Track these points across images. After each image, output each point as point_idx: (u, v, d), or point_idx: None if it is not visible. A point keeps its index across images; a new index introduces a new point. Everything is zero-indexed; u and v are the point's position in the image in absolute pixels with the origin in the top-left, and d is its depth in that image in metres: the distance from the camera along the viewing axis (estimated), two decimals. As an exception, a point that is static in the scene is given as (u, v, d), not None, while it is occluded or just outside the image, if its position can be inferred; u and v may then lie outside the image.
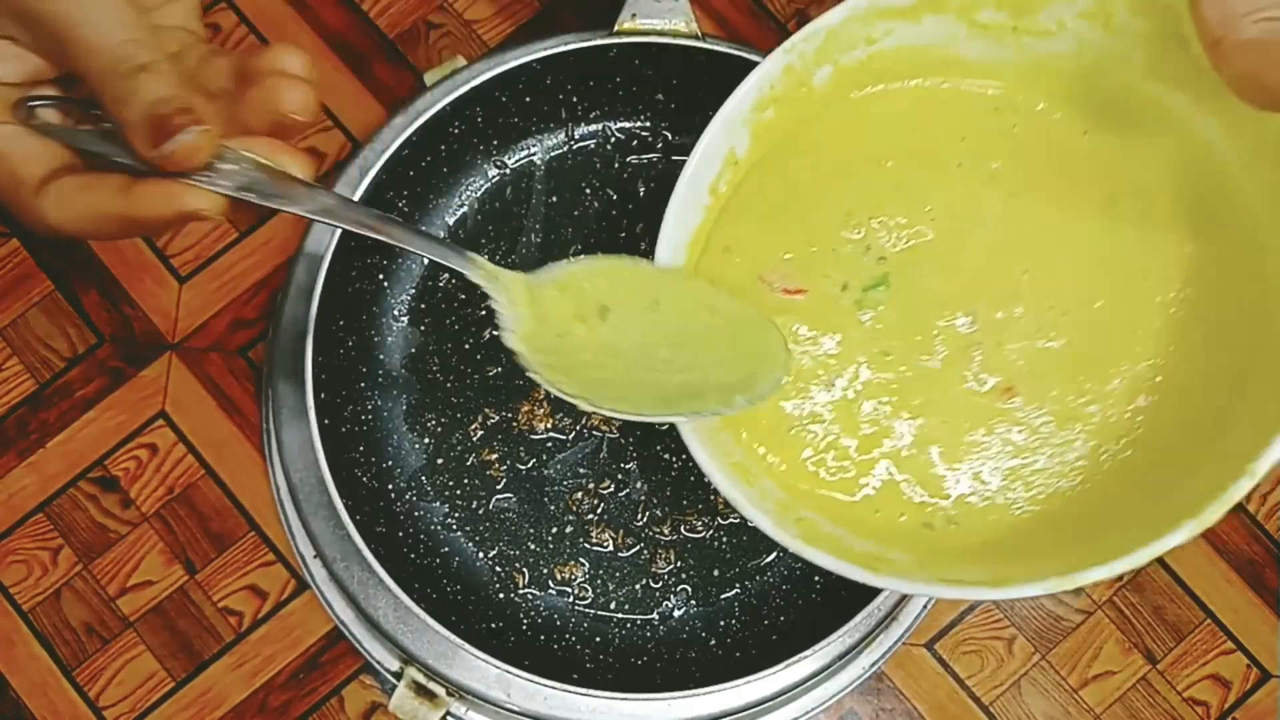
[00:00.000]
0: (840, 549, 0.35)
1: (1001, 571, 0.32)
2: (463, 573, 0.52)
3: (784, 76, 0.38)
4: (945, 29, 0.38)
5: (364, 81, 0.61)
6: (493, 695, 0.47)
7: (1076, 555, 0.32)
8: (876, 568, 0.34)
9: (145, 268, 0.59)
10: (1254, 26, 0.28)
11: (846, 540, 0.36)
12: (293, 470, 0.50)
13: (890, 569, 0.34)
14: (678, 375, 0.36)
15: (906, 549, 0.36)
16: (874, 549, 0.36)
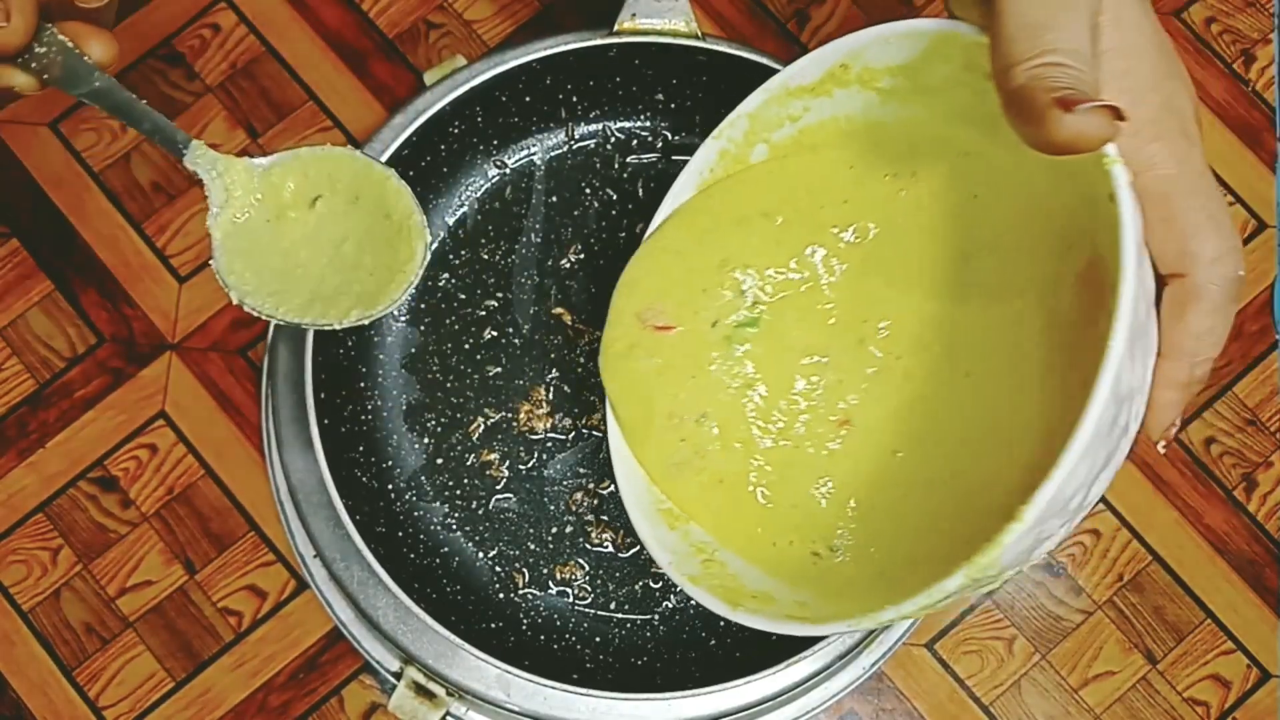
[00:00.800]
0: (730, 588, 0.38)
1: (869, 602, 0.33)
2: (463, 573, 0.52)
3: (720, 160, 0.41)
4: (858, 99, 0.39)
5: (364, 81, 0.61)
6: (492, 695, 0.47)
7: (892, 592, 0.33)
8: (737, 602, 0.36)
9: (145, 268, 0.59)
10: (1022, 75, 0.27)
11: (749, 580, 0.39)
12: (292, 470, 0.50)
13: (753, 604, 0.37)
14: (337, 276, 0.38)
15: (810, 587, 0.38)
16: (773, 588, 0.38)
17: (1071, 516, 0.29)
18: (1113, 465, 0.29)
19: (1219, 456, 0.58)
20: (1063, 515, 0.28)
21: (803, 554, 0.40)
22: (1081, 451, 0.26)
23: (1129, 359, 0.27)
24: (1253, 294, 0.60)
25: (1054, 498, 0.27)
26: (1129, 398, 0.28)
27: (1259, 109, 0.62)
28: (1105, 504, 0.58)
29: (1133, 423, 0.29)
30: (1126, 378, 0.27)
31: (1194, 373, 0.30)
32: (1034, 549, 0.29)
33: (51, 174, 0.60)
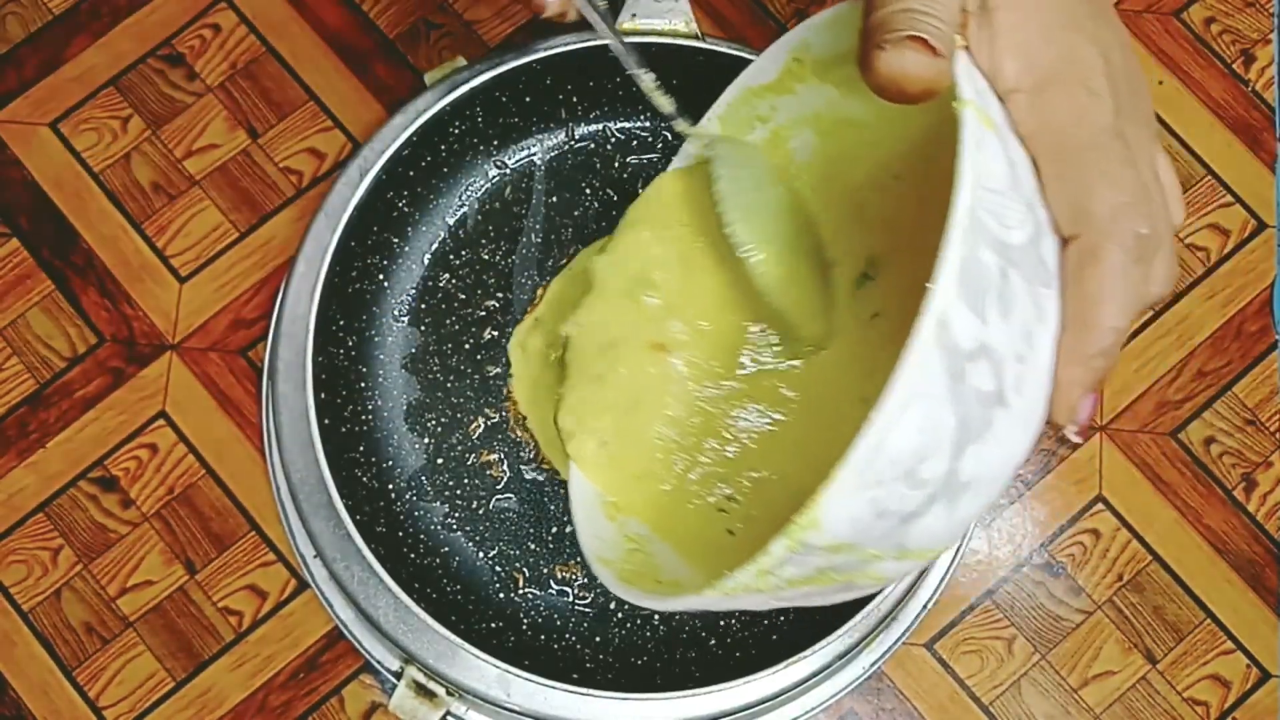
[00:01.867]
0: (641, 573, 0.39)
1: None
2: (463, 573, 0.52)
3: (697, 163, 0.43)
4: (820, 94, 0.39)
5: (364, 81, 0.61)
6: (493, 695, 0.47)
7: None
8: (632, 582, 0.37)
9: (145, 268, 0.59)
10: (868, 22, 0.27)
11: (666, 567, 0.40)
12: (293, 470, 0.50)
13: (653, 587, 0.37)
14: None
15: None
16: (687, 576, 0.39)
17: (937, 489, 0.26)
18: (990, 439, 0.26)
19: (1219, 456, 0.58)
20: (913, 483, 0.25)
21: (720, 535, 0.40)
22: (900, 405, 0.24)
23: (963, 306, 0.24)
24: (1253, 294, 0.60)
25: (875, 457, 0.24)
26: (979, 355, 0.25)
27: (1259, 109, 0.62)
28: (1105, 504, 0.58)
29: (1012, 393, 0.26)
30: (963, 327, 0.25)
31: (1098, 344, 0.27)
32: (878, 519, 0.26)
33: (52, 174, 0.60)
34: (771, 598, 0.28)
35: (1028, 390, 0.26)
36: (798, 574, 0.27)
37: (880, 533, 0.26)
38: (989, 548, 0.57)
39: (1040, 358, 0.26)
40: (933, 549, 0.28)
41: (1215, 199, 0.61)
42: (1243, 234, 0.61)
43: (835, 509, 0.25)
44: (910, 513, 0.26)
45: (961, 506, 0.27)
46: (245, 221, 0.59)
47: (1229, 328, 0.60)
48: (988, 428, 0.26)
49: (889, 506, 0.26)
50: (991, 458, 0.26)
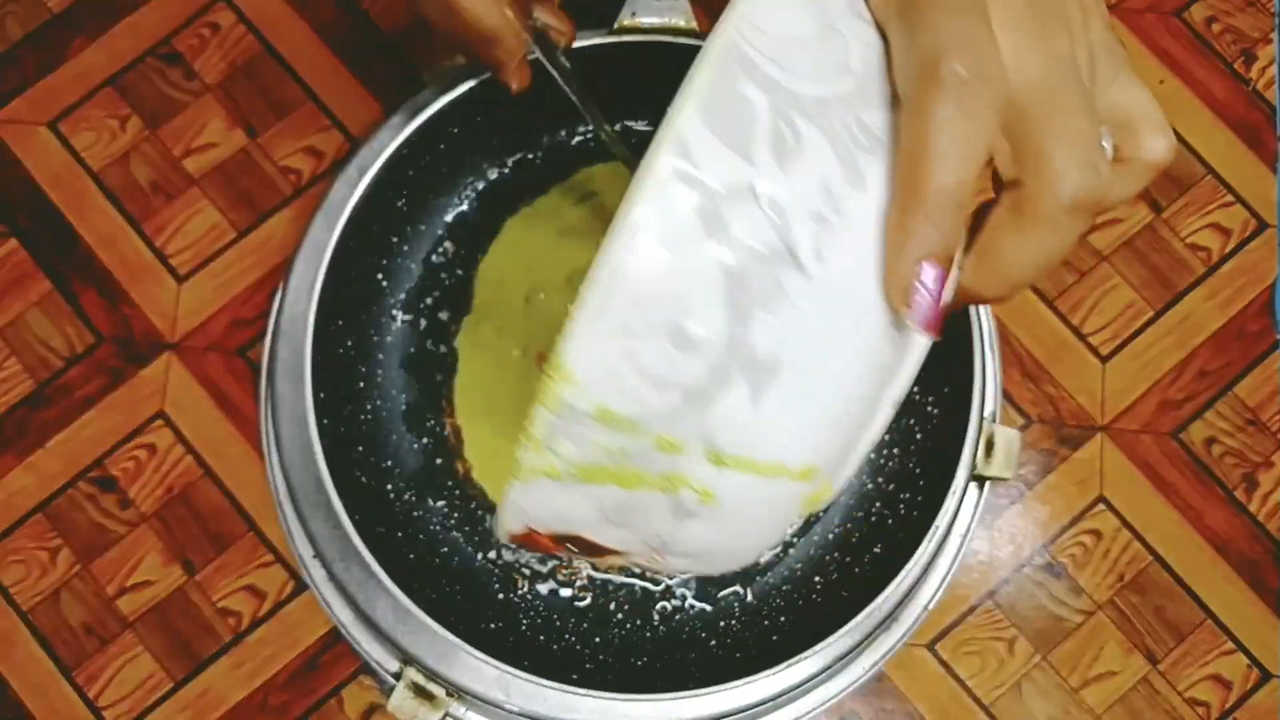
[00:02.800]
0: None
1: None
2: (462, 573, 0.52)
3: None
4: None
5: (363, 80, 0.61)
6: (492, 696, 0.47)
7: None
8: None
9: (144, 267, 0.59)
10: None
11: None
12: (292, 470, 0.50)
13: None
14: None
15: None
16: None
17: (723, 359, 0.23)
18: (786, 308, 0.23)
19: (1220, 457, 0.58)
20: (682, 343, 0.23)
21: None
22: (632, 228, 0.22)
23: (711, 137, 0.22)
24: (1254, 294, 0.60)
25: (614, 290, 0.22)
26: (743, 199, 0.22)
27: (1259, 108, 0.62)
28: (1106, 504, 0.58)
29: (811, 259, 0.23)
30: (713, 160, 0.22)
31: (921, 206, 0.23)
32: (651, 387, 0.23)
33: (50, 173, 0.60)
34: (586, 504, 0.25)
35: (836, 260, 0.23)
36: (581, 455, 0.24)
37: (664, 409, 0.23)
38: (990, 548, 0.57)
39: (855, 225, 0.23)
40: (754, 457, 0.24)
41: (1216, 198, 0.61)
42: (1244, 233, 0.61)
43: (584, 356, 0.23)
44: (695, 388, 0.23)
45: (774, 397, 0.23)
46: (244, 221, 0.59)
47: (1230, 328, 0.60)
48: (779, 293, 0.23)
49: (658, 369, 0.23)
50: (799, 333, 0.23)
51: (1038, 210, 0.24)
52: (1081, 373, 0.59)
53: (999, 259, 0.25)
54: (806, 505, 0.25)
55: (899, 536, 0.48)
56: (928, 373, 0.53)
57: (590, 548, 0.27)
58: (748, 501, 0.25)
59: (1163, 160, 0.26)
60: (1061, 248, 0.24)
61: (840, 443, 0.25)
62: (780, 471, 0.24)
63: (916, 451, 0.51)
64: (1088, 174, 0.23)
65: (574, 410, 0.23)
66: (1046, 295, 0.60)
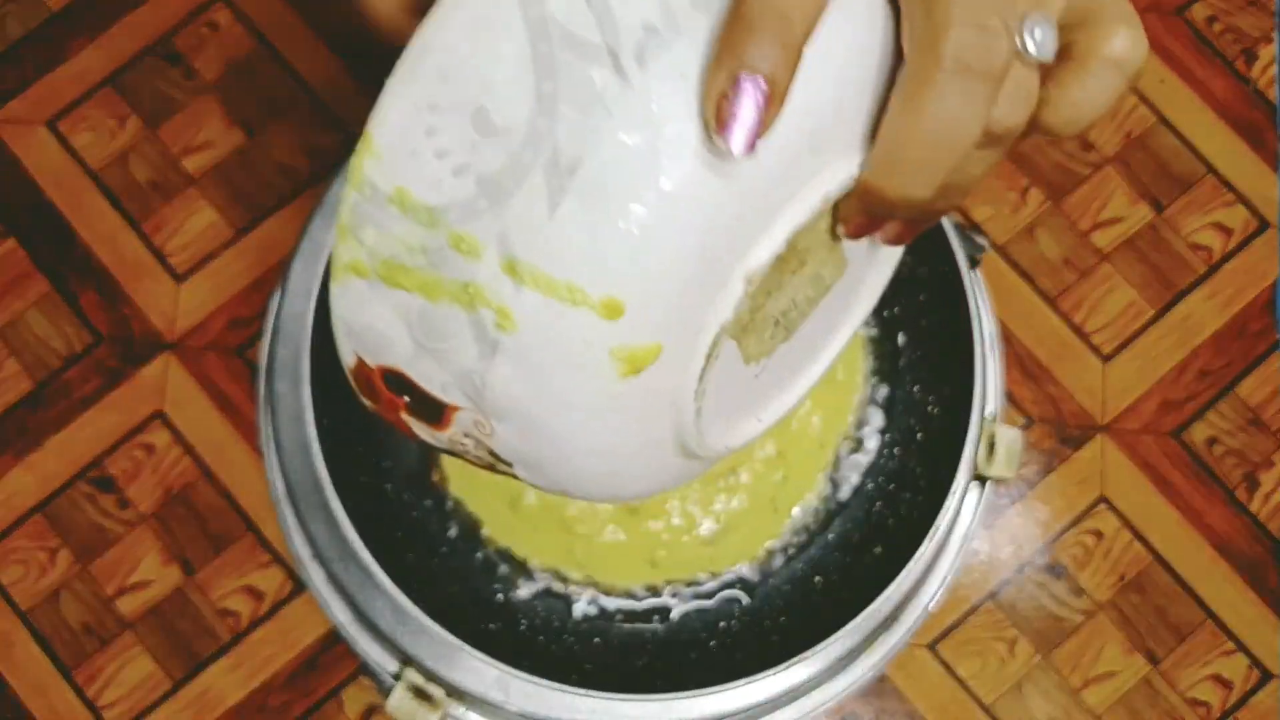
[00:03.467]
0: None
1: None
2: (462, 573, 0.52)
3: None
4: None
5: (363, 80, 0.61)
6: (491, 697, 0.47)
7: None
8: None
9: (143, 267, 0.59)
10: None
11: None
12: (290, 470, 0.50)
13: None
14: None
15: None
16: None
17: (525, 151, 0.22)
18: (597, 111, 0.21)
19: (1221, 456, 0.58)
20: (484, 127, 0.22)
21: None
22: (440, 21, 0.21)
23: None
24: (1253, 294, 0.60)
25: (422, 59, 0.22)
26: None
27: (1260, 108, 0.62)
28: (1107, 504, 0.58)
29: (631, 63, 0.22)
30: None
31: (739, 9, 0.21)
32: (450, 170, 0.22)
33: (49, 173, 0.60)
34: (394, 317, 0.24)
35: (658, 71, 0.21)
36: (383, 247, 0.23)
37: (462, 200, 0.22)
38: (991, 548, 0.57)
39: (687, 43, 0.21)
40: (549, 271, 0.22)
41: (1217, 198, 0.61)
42: (1245, 233, 0.61)
43: (388, 127, 0.22)
44: (493, 179, 0.22)
45: (571, 203, 0.21)
46: (243, 220, 0.59)
47: (1231, 327, 0.60)
48: (590, 92, 0.21)
49: (457, 152, 0.22)
50: (605, 138, 0.21)
51: (919, 73, 0.22)
52: (1083, 372, 0.59)
53: (894, 143, 0.22)
54: (621, 360, 0.23)
55: (899, 536, 0.48)
56: (929, 371, 0.53)
57: (420, 399, 0.25)
58: (547, 334, 0.22)
59: (1125, 56, 0.23)
60: (956, 123, 0.22)
61: (666, 291, 0.22)
62: (577, 296, 0.22)
63: (917, 451, 0.51)
64: (970, 29, 0.21)
65: (376, 190, 0.22)
66: (1048, 295, 0.60)
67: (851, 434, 0.52)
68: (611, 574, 0.52)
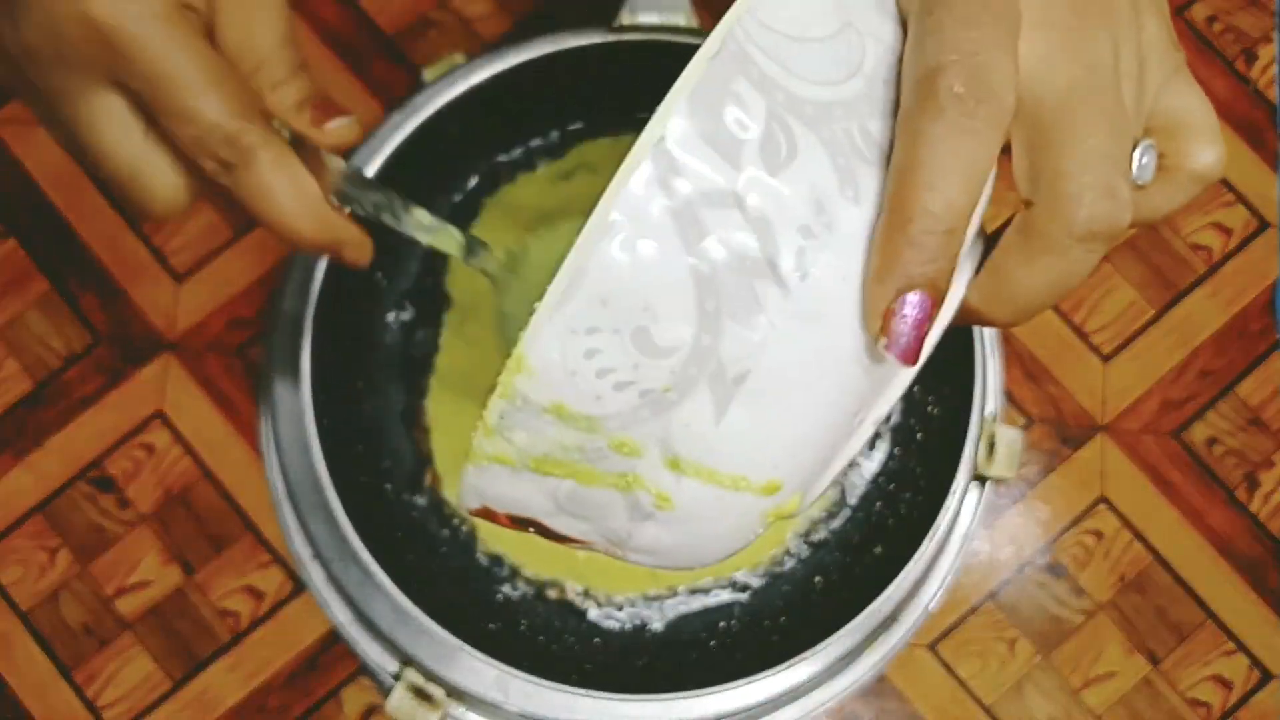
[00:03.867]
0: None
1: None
2: (462, 573, 0.51)
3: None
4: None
5: (362, 79, 0.61)
6: (491, 697, 0.47)
7: None
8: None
9: (142, 267, 0.59)
10: None
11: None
12: (290, 470, 0.50)
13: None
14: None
15: None
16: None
17: (689, 367, 0.22)
18: (760, 324, 0.22)
19: (1221, 457, 0.58)
20: (647, 347, 0.22)
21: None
22: (602, 228, 0.21)
23: (698, 137, 0.21)
24: (1253, 294, 0.60)
25: (578, 284, 0.22)
26: (726, 205, 0.22)
27: (1260, 107, 0.62)
28: (1107, 504, 0.58)
29: (792, 275, 0.22)
30: (697, 161, 0.21)
31: (906, 226, 0.22)
32: (610, 385, 0.23)
33: (49, 173, 0.60)
34: (541, 494, 0.25)
35: (820, 277, 0.22)
36: (534, 446, 0.23)
37: (623, 411, 0.23)
38: (991, 548, 0.57)
39: (845, 241, 0.22)
40: (715, 467, 0.23)
41: (1217, 198, 0.61)
42: (1245, 233, 0.61)
43: (543, 350, 0.22)
44: (657, 393, 0.22)
45: (739, 410, 0.22)
46: (243, 220, 0.59)
47: (1231, 327, 0.60)
48: (754, 305, 0.22)
49: (619, 371, 0.22)
50: (771, 349, 0.22)
51: (1046, 236, 0.22)
52: (1083, 372, 0.59)
53: (1007, 283, 0.23)
54: (771, 517, 0.25)
55: (900, 536, 0.48)
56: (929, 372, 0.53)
57: (550, 534, 0.26)
58: (706, 509, 0.24)
59: (1210, 172, 0.24)
60: (1072, 276, 0.23)
61: (810, 460, 0.24)
62: (742, 485, 0.24)
63: (917, 451, 0.51)
64: (1102, 201, 0.22)
65: (529, 402, 0.23)
66: (1047, 295, 0.60)
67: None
68: (611, 585, 0.52)
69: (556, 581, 0.52)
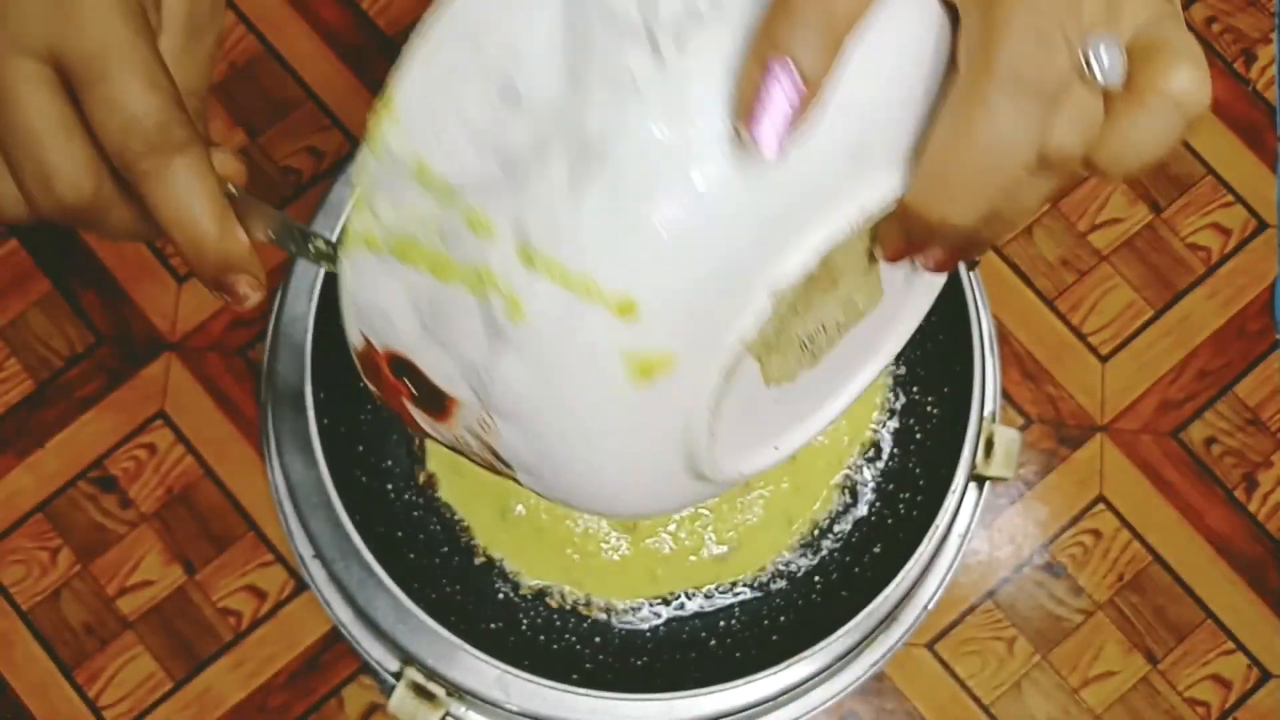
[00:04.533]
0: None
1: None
2: (462, 573, 0.52)
3: None
4: None
5: (363, 80, 0.61)
6: (492, 696, 0.47)
7: None
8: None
9: (144, 268, 0.59)
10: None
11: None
12: (292, 470, 0.50)
13: None
14: None
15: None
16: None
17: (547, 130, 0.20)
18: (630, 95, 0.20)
19: (1220, 456, 0.58)
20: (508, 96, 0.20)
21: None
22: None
23: None
24: (1254, 294, 0.60)
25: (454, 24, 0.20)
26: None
27: (1259, 108, 0.62)
28: (1106, 504, 0.58)
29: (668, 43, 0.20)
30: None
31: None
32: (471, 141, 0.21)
33: (50, 173, 0.60)
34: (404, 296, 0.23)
35: (697, 55, 0.20)
36: (397, 220, 0.22)
37: (481, 178, 0.21)
38: (990, 548, 0.57)
39: (731, 28, 0.20)
40: (563, 261, 0.20)
41: (1216, 198, 0.61)
42: (1244, 233, 0.61)
43: (411, 92, 0.21)
44: (515, 157, 0.20)
45: (596, 192, 0.20)
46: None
47: (1230, 327, 0.60)
48: (624, 73, 0.20)
49: (480, 123, 0.20)
50: (635, 122, 0.19)
51: (970, 88, 0.20)
52: (1081, 372, 0.59)
53: (937, 155, 0.21)
54: (632, 365, 0.21)
55: (899, 536, 0.48)
56: (928, 372, 0.53)
57: (425, 389, 0.24)
58: (558, 330, 0.21)
59: (1185, 95, 0.21)
60: (1004, 141, 0.20)
61: (682, 295, 0.21)
62: (591, 290, 0.20)
63: (916, 451, 0.51)
64: (1028, 41, 0.20)
65: (394, 158, 0.21)
66: (1046, 295, 0.60)
67: (868, 440, 0.52)
68: (610, 591, 0.52)
69: (555, 587, 0.52)
